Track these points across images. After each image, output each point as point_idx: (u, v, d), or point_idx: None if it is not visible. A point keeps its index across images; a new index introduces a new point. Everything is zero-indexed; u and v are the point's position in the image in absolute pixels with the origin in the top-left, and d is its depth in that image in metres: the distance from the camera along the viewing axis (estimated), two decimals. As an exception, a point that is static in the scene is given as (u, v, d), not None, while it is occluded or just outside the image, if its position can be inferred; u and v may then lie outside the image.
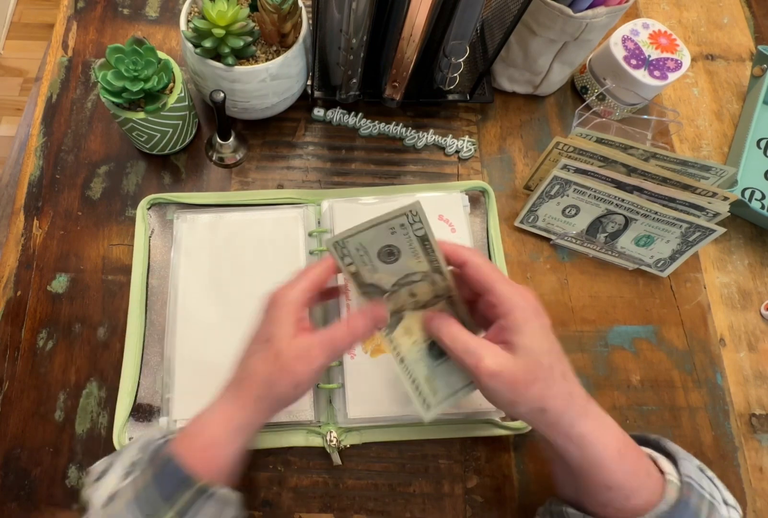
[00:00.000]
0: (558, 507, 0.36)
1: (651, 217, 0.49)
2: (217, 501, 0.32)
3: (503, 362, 0.32)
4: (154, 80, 0.46)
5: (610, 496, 0.32)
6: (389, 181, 0.57)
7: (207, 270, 0.50)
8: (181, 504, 0.31)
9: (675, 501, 0.31)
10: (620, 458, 0.32)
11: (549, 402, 0.32)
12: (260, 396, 0.34)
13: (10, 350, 0.48)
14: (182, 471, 0.32)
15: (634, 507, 0.31)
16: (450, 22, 0.46)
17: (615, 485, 0.32)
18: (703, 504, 0.31)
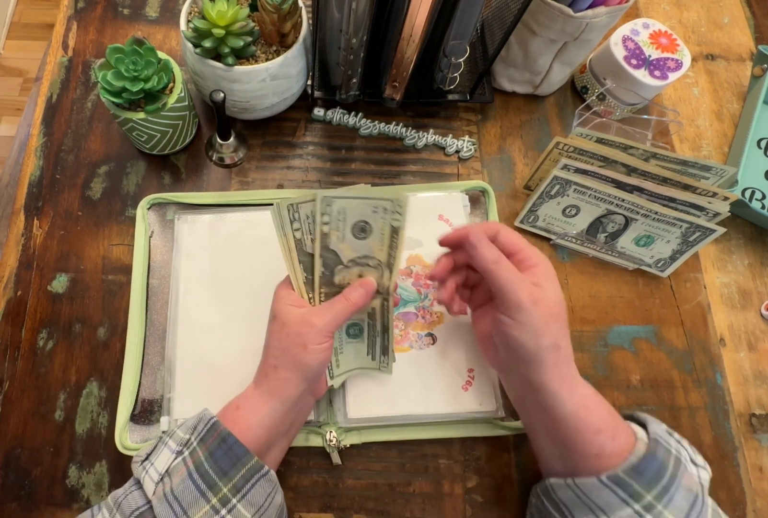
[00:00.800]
0: (543, 484, 0.39)
1: (651, 217, 0.49)
2: (268, 482, 0.35)
3: (543, 295, 0.36)
4: (154, 80, 0.46)
5: (600, 441, 0.35)
6: (389, 181, 0.57)
7: (208, 270, 0.50)
8: (237, 479, 0.34)
9: (644, 453, 0.34)
10: (599, 400, 0.37)
11: (563, 340, 0.37)
12: (277, 364, 0.38)
13: (11, 350, 0.48)
14: (241, 447, 0.34)
15: (620, 448, 0.35)
16: (450, 22, 0.46)
17: (602, 425, 0.35)
18: (670, 458, 0.34)
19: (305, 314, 0.38)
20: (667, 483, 0.33)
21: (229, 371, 0.47)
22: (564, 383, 0.36)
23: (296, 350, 0.37)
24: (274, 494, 0.36)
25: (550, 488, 0.37)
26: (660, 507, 0.33)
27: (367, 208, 0.38)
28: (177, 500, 0.33)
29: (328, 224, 0.38)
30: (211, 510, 0.33)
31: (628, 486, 0.33)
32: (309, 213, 0.38)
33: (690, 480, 0.34)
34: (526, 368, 0.37)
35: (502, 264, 0.37)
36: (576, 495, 0.35)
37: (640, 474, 0.33)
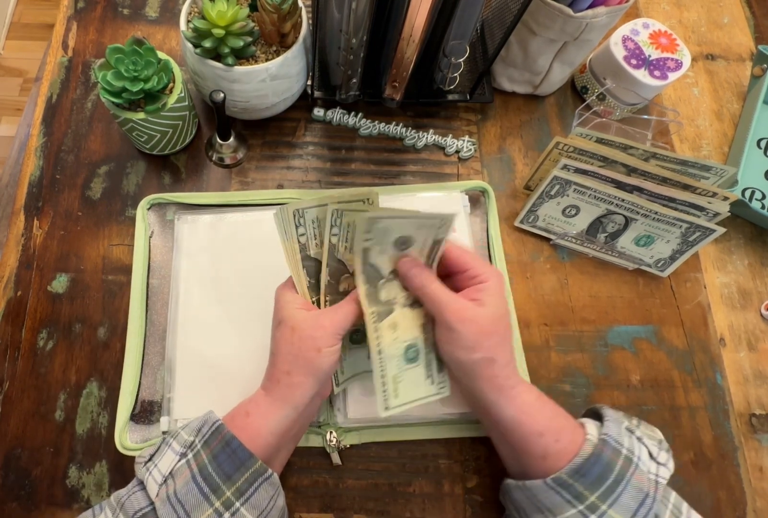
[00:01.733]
0: (503, 484, 0.40)
1: (651, 217, 0.49)
2: (271, 484, 0.35)
3: (475, 313, 0.37)
4: (154, 80, 0.46)
5: (543, 443, 0.36)
6: (389, 181, 0.57)
7: (208, 271, 0.50)
8: (241, 482, 0.34)
9: (588, 454, 0.35)
10: (540, 404, 0.38)
11: (499, 354, 0.37)
12: (290, 370, 0.37)
13: (11, 350, 0.48)
14: (245, 451, 0.35)
15: (565, 450, 0.36)
16: (450, 22, 0.46)
17: (544, 429, 0.36)
18: (618, 458, 0.35)
19: (315, 317, 0.38)
20: (613, 483, 0.34)
21: (230, 371, 0.47)
22: (502, 392, 0.37)
23: (309, 353, 0.37)
24: (276, 497, 0.36)
25: (507, 488, 0.39)
26: (604, 507, 0.33)
27: (413, 226, 0.37)
28: (180, 502, 0.33)
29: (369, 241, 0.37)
30: (214, 514, 0.33)
31: (571, 488, 0.34)
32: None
33: (641, 479, 0.35)
34: (466, 379, 0.38)
35: (429, 288, 0.38)
36: (526, 496, 0.37)
37: (582, 475, 0.34)
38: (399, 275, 0.39)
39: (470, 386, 0.38)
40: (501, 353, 0.37)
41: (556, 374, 0.50)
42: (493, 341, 0.37)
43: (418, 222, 0.37)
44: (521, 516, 0.38)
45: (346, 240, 0.38)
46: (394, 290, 0.39)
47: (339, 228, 0.37)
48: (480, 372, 0.37)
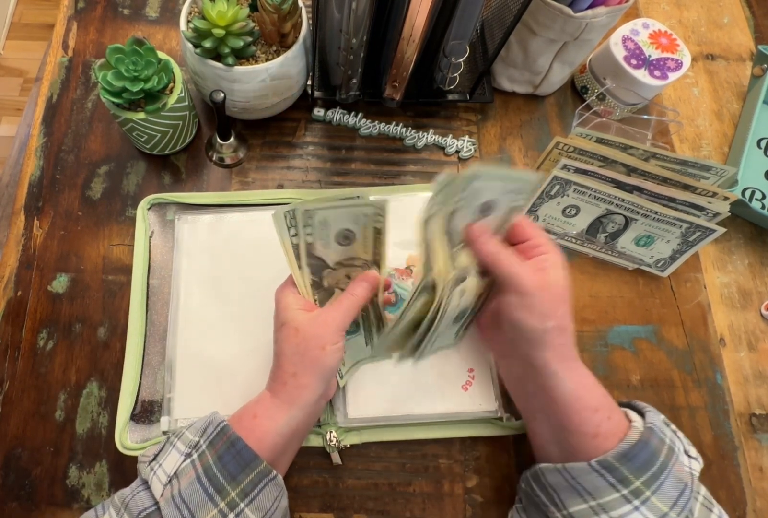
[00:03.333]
0: (533, 469, 0.39)
1: (651, 217, 0.49)
2: (276, 485, 0.35)
3: (550, 279, 0.37)
4: (154, 80, 0.46)
5: (597, 419, 0.36)
6: (389, 181, 0.57)
7: (208, 270, 0.50)
8: (245, 483, 0.34)
9: (636, 440, 0.35)
10: (594, 381, 0.38)
11: (568, 323, 0.38)
12: (296, 371, 0.37)
13: (11, 350, 0.48)
14: (250, 452, 0.34)
15: (615, 429, 0.36)
16: (450, 22, 0.46)
17: (599, 405, 0.37)
18: (663, 447, 0.35)
19: (318, 316, 0.38)
20: (657, 471, 0.34)
21: (230, 371, 0.47)
22: (565, 363, 0.37)
23: (315, 352, 0.37)
24: (280, 498, 0.36)
25: (540, 472, 0.38)
26: (648, 493, 0.33)
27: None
28: (185, 503, 0.33)
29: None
30: (218, 514, 0.33)
31: (617, 471, 0.34)
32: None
33: (681, 469, 0.35)
34: (530, 348, 0.38)
35: (502, 254, 0.38)
36: (565, 479, 0.36)
37: (630, 460, 0.34)
38: (467, 240, 0.39)
39: (531, 357, 0.38)
40: (570, 323, 0.38)
41: (556, 374, 0.50)
42: (564, 310, 0.37)
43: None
44: (555, 501, 0.37)
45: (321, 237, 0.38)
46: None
47: (312, 227, 0.38)
48: (550, 340, 0.37)
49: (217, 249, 0.51)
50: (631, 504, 0.33)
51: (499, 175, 0.37)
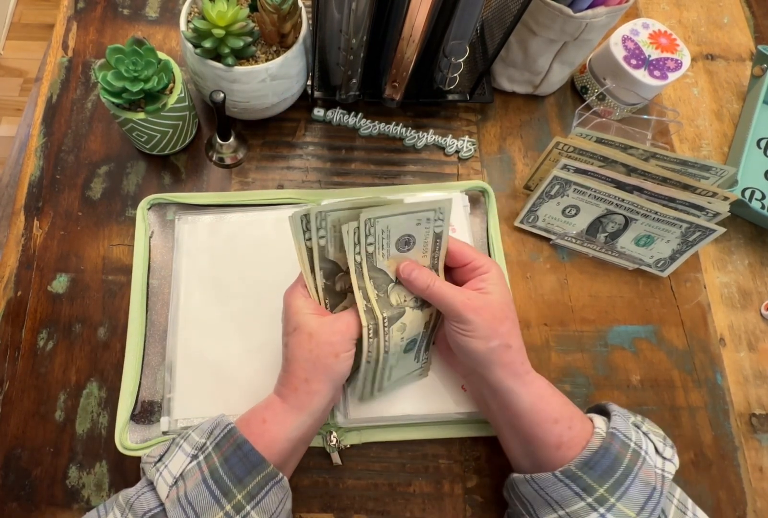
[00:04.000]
0: (509, 480, 0.40)
1: (651, 217, 0.49)
2: (281, 488, 0.35)
3: (484, 301, 0.38)
4: (154, 81, 0.46)
5: (558, 430, 0.36)
6: (389, 181, 0.57)
7: (208, 271, 0.50)
8: (252, 486, 0.34)
9: (597, 447, 0.35)
10: (553, 391, 0.39)
11: (513, 339, 0.38)
12: (308, 377, 0.37)
13: (11, 350, 0.48)
14: (257, 455, 0.34)
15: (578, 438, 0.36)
16: (450, 22, 0.46)
17: (558, 415, 0.37)
18: (626, 451, 0.35)
19: (331, 323, 0.38)
20: (621, 476, 0.34)
21: (230, 371, 0.47)
22: (518, 379, 0.38)
23: (328, 360, 0.37)
24: (285, 500, 0.36)
25: (513, 483, 0.39)
26: (613, 500, 0.33)
27: (411, 221, 0.38)
28: (191, 505, 0.33)
29: (373, 245, 0.37)
30: (224, 517, 0.33)
31: (580, 480, 0.34)
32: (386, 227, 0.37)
33: (648, 473, 0.35)
34: (482, 369, 0.38)
35: (436, 286, 0.38)
36: (534, 490, 0.37)
37: (591, 467, 0.34)
38: (401, 280, 0.39)
39: (485, 377, 0.38)
40: (514, 339, 0.38)
41: (556, 374, 0.50)
42: (506, 327, 0.38)
43: (416, 216, 0.37)
44: (528, 510, 0.38)
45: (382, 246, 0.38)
46: (403, 292, 0.40)
47: (326, 230, 0.37)
48: (496, 360, 0.37)
49: (217, 249, 0.51)
50: (596, 512, 0.34)
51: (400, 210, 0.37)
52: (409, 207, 0.37)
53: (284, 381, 0.38)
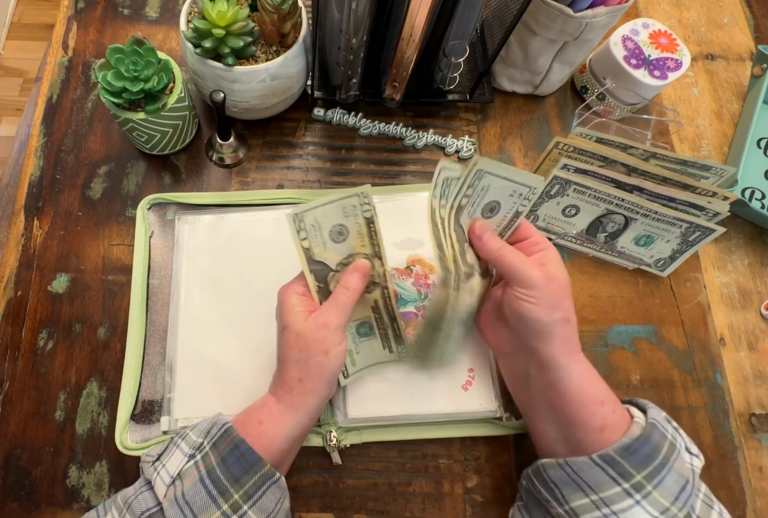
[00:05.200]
0: (534, 466, 0.39)
1: (651, 217, 0.49)
2: (278, 488, 0.35)
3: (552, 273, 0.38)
4: (154, 80, 0.46)
5: (603, 412, 0.36)
6: (389, 181, 0.57)
7: (208, 271, 0.50)
8: (249, 486, 0.34)
9: (638, 435, 0.35)
10: (597, 374, 0.39)
11: (572, 316, 0.39)
12: (301, 377, 0.37)
13: (11, 350, 0.48)
14: (254, 454, 0.35)
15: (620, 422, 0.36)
16: (450, 22, 0.46)
17: (605, 397, 0.37)
18: (664, 442, 0.35)
19: (316, 318, 0.38)
20: (659, 466, 0.34)
21: (230, 371, 0.47)
22: (571, 356, 0.38)
23: (319, 358, 0.37)
24: (283, 499, 0.36)
25: (542, 468, 0.38)
26: (649, 488, 0.33)
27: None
28: (188, 504, 0.33)
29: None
30: (221, 516, 0.33)
31: (618, 465, 0.34)
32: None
33: (682, 465, 0.35)
34: (537, 341, 0.38)
35: (506, 250, 0.39)
36: (567, 474, 0.36)
37: (631, 454, 0.34)
38: (471, 237, 0.40)
39: (538, 350, 0.38)
40: (574, 316, 0.39)
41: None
42: (569, 302, 0.38)
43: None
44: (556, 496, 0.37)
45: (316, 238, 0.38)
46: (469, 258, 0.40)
47: (306, 231, 0.38)
48: (557, 332, 0.37)
49: (217, 249, 0.51)
50: (632, 498, 0.33)
51: (506, 174, 0.38)
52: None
53: (278, 382, 0.38)
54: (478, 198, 0.39)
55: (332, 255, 0.40)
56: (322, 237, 0.38)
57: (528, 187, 0.39)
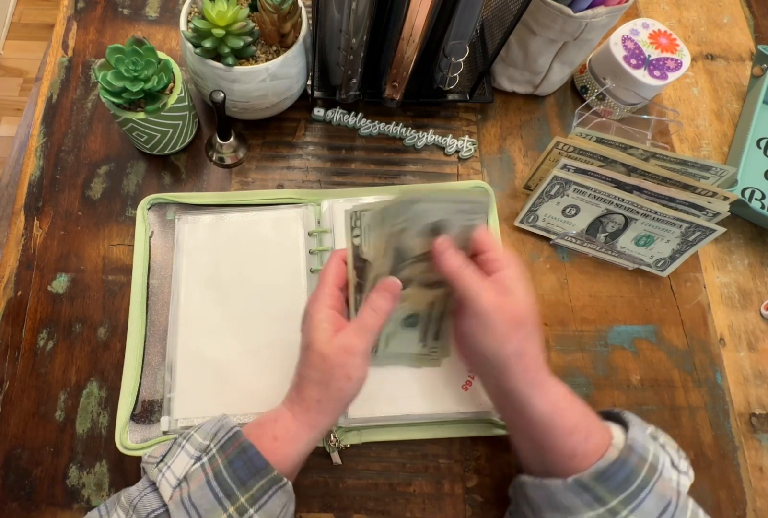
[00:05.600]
0: (517, 480, 0.39)
1: (651, 217, 0.49)
2: (285, 492, 0.35)
3: (508, 301, 0.36)
4: (154, 80, 0.46)
5: (573, 442, 0.35)
6: (389, 181, 0.57)
7: (208, 271, 0.50)
8: (255, 490, 0.34)
9: (614, 459, 0.34)
10: (571, 400, 0.37)
11: (529, 347, 0.37)
12: (321, 399, 0.37)
13: (11, 350, 0.48)
14: (261, 459, 0.34)
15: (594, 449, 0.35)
16: (450, 22, 0.46)
17: (575, 427, 0.36)
18: (643, 465, 0.34)
19: (342, 341, 0.36)
20: (637, 489, 0.33)
21: (230, 371, 0.47)
22: (534, 387, 0.36)
23: (341, 383, 0.36)
24: (289, 504, 0.36)
25: (520, 484, 0.38)
26: (625, 512, 0.33)
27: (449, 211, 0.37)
28: (194, 506, 0.33)
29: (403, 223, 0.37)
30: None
31: (592, 491, 0.33)
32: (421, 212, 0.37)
33: (664, 486, 0.34)
34: (495, 373, 0.37)
35: (465, 270, 0.37)
36: (543, 494, 0.36)
37: (606, 479, 0.33)
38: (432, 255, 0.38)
39: (500, 381, 0.37)
40: (531, 346, 0.37)
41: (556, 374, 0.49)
42: (524, 333, 0.36)
43: (458, 207, 0.37)
44: (534, 513, 0.37)
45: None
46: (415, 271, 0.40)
47: (360, 229, 0.38)
48: (511, 366, 0.36)
49: (217, 249, 0.51)
50: None
51: (443, 198, 0.37)
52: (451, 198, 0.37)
53: (296, 398, 0.37)
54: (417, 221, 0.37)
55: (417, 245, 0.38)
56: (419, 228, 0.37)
57: (472, 203, 0.37)
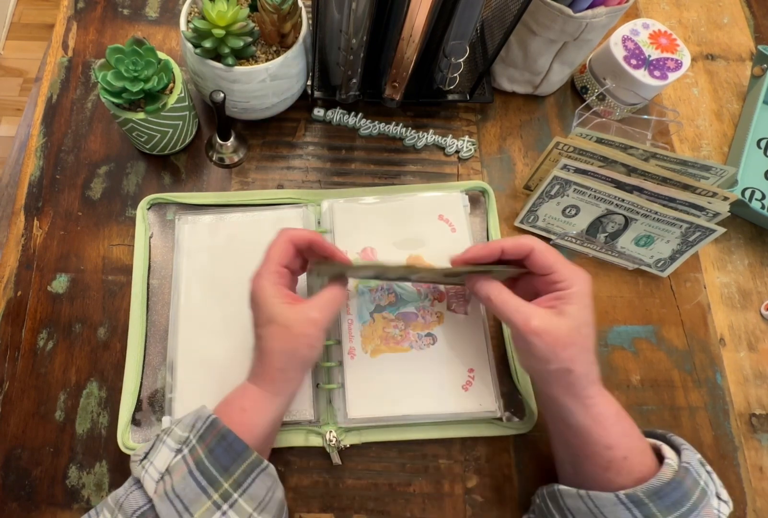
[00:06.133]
0: (551, 488, 0.38)
1: (651, 217, 0.49)
2: (268, 476, 0.35)
3: (549, 323, 0.36)
4: (154, 80, 0.46)
5: (609, 456, 0.35)
6: (389, 181, 0.57)
7: (208, 271, 0.50)
8: (238, 474, 0.34)
9: (669, 479, 0.34)
10: (617, 419, 0.37)
11: (576, 364, 0.36)
12: (285, 368, 0.38)
13: (11, 350, 0.48)
14: (240, 443, 0.35)
15: (630, 468, 0.35)
16: (450, 22, 0.46)
17: (614, 443, 0.36)
18: (696, 488, 0.34)
19: (305, 313, 0.38)
20: (687, 512, 0.33)
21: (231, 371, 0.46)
22: (577, 400, 0.37)
23: (304, 351, 0.38)
24: (274, 488, 0.36)
25: (559, 494, 0.37)
26: None
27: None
28: (178, 497, 0.33)
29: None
30: (212, 506, 0.33)
31: (645, 507, 0.33)
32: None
33: (709, 512, 0.34)
34: (540, 383, 0.39)
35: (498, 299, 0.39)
36: (586, 506, 0.35)
37: (660, 498, 0.33)
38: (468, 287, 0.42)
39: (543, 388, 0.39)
40: (579, 364, 0.36)
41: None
42: (570, 352, 0.36)
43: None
44: None
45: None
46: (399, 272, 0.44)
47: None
48: (555, 380, 0.37)
49: (217, 249, 0.51)
50: None
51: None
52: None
53: (260, 372, 0.38)
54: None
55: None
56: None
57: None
